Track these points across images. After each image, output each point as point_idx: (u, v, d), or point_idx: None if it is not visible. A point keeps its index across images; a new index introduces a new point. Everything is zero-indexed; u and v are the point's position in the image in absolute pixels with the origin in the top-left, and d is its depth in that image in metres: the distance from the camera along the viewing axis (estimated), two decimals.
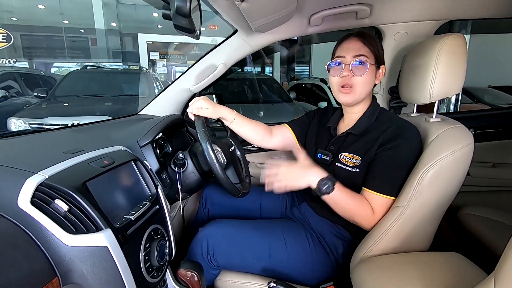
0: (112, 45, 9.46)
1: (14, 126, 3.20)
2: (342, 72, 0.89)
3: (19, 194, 0.54)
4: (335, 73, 0.91)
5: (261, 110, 3.81)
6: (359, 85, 0.88)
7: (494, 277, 0.47)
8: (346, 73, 0.88)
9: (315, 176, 0.82)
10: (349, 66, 0.87)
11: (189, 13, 0.58)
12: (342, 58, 0.89)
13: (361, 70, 0.87)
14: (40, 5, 8.61)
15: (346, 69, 0.88)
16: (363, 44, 0.88)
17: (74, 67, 8.79)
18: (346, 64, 0.88)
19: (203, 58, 1.28)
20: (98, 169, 0.67)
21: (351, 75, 0.88)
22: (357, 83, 0.88)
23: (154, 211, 0.75)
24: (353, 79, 0.88)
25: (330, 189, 0.81)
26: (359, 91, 0.89)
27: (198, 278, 0.79)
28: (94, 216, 0.57)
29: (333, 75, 0.92)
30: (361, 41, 0.88)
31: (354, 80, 0.88)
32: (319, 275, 0.94)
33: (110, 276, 0.58)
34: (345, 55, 0.89)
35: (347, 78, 0.88)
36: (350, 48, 0.88)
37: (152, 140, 0.96)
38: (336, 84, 0.92)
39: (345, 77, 0.88)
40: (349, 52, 0.88)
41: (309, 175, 0.83)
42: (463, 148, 0.76)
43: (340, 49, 0.91)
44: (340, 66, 0.90)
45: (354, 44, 0.89)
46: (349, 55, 0.88)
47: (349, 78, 0.88)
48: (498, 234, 1.04)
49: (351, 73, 0.87)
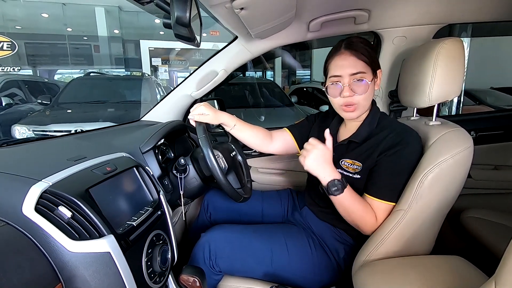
0: (115, 51, 9.57)
1: (19, 133, 3.23)
2: (342, 93, 0.86)
3: (24, 201, 0.55)
4: (335, 94, 0.88)
5: (262, 115, 3.82)
6: (362, 102, 0.87)
7: (494, 280, 0.47)
8: (347, 94, 0.85)
9: (328, 175, 0.82)
10: (348, 87, 0.85)
11: (188, 23, 0.59)
12: (339, 77, 0.86)
13: (361, 88, 0.85)
14: (44, 14, 8.74)
15: (346, 90, 0.85)
16: (357, 59, 0.84)
17: (77, 74, 8.91)
18: (345, 86, 0.85)
19: (204, 64, 1.29)
20: (101, 176, 0.68)
21: (352, 94, 0.85)
22: (360, 101, 0.86)
23: (156, 217, 0.76)
24: (355, 98, 0.86)
25: (338, 192, 0.80)
26: (362, 106, 0.88)
27: (200, 283, 0.79)
28: (97, 223, 0.58)
29: (333, 96, 0.89)
30: (354, 56, 0.84)
31: (356, 98, 0.86)
32: (321, 279, 0.93)
33: (113, 282, 0.58)
34: (341, 74, 0.85)
35: (349, 98, 0.86)
36: (344, 65, 0.85)
37: (154, 146, 0.97)
38: (338, 104, 0.90)
39: (347, 98, 0.86)
40: (344, 69, 0.85)
41: (325, 170, 0.82)
42: (463, 151, 0.76)
43: (334, 67, 0.87)
44: (338, 86, 0.87)
45: (348, 60, 0.85)
46: (345, 73, 0.85)
47: (351, 98, 0.86)
48: (500, 237, 1.04)
49: (351, 92, 0.85)
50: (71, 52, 9.43)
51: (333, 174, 0.82)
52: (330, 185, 0.81)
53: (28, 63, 9.10)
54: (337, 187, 0.80)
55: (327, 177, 0.81)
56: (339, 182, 0.81)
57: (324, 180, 0.82)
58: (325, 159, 0.82)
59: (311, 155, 0.82)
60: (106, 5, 8.92)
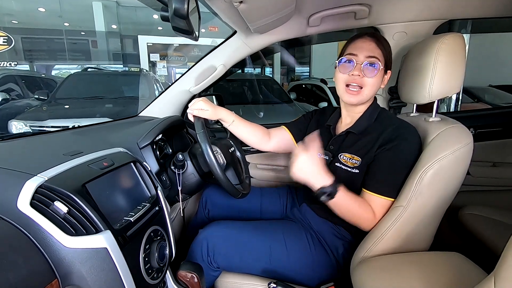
0: (113, 47, 9.49)
1: (15, 129, 3.21)
2: (352, 70, 0.87)
3: (19, 196, 0.54)
4: (344, 70, 0.89)
5: (261, 111, 3.81)
6: (368, 87, 0.87)
7: (494, 276, 0.47)
8: (356, 73, 0.86)
9: (316, 182, 0.80)
10: (360, 66, 0.86)
11: (186, 15, 0.58)
12: (354, 56, 0.87)
13: (372, 71, 0.85)
14: (41, 8, 8.65)
15: (357, 69, 0.86)
16: (376, 46, 0.87)
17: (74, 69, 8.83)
18: (358, 63, 0.86)
19: (202, 59, 1.28)
20: (98, 171, 0.67)
21: (361, 75, 0.86)
22: (367, 84, 0.87)
23: (154, 213, 0.75)
24: (364, 80, 0.86)
25: (328, 198, 0.80)
26: (366, 92, 0.88)
27: (198, 279, 0.79)
28: (94, 218, 0.58)
29: (342, 72, 0.90)
30: (375, 42, 0.87)
31: (364, 81, 0.86)
32: (320, 275, 0.93)
33: (110, 278, 0.58)
34: (358, 53, 0.87)
35: (357, 77, 0.87)
36: (363, 47, 0.87)
37: (152, 142, 0.96)
38: (343, 82, 0.90)
39: (355, 76, 0.87)
40: (362, 51, 0.86)
41: (313, 178, 0.80)
42: (463, 147, 0.76)
43: (353, 47, 0.89)
44: (351, 64, 0.88)
45: (368, 44, 0.87)
46: (362, 54, 0.86)
47: (359, 78, 0.87)
48: (499, 233, 1.04)
49: (361, 73, 0.86)
50: (68, 47, 9.34)
51: (321, 181, 0.79)
52: (319, 193, 0.80)
53: (25, 58, 9.02)
54: (326, 193, 0.79)
55: (316, 184, 0.80)
56: (329, 188, 0.79)
57: (313, 187, 0.81)
58: (310, 167, 0.79)
59: (295, 166, 0.79)
60: (104, 0, 8.83)
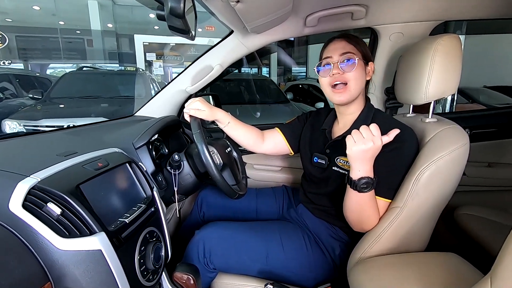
0: (108, 46, 9.42)
1: (9, 128, 3.17)
2: (331, 71, 0.88)
3: (11, 198, 0.53)
4: (325, 74, 0.91)
5: (258, 111, 3.81)
6: (352, 81, 0.87)
7: (490, 277, 0.47)
8: (336, 71, 0.88)
9: (364, 170, 0.75)
10: (337, 64, 0.88)
11: (183, 14, 0.57)
12: (329, 58, 0.89)
13: (350, 66, 0.87)
14: (35, 6, 8.55)
15: (335, 68, 0.88)
16: (347, 43, 0.89)
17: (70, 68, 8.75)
18: (334, 63, 0.88)
19: (199, 59, 1.27)
20: (92, 172, 0.66)
21: (341, 72, 0.87)
22: (350, 79, 0.87)
23: (150, 214, 0.74)
24: (345, 75, 0.87)
25: (367, 190, 0.76)
26: (353, 87, 0.88)
27: (194, 281, 0.79)
28: (88, 220, 0.57)
29: (323, 76, 0.91)
30: (345, 41, 0.90)
31: (346, 76, 0.87)
32: (316, 276, 0.93)
33: (105, 280, 0.57)
34: (332, 55, 0.89)
35: (337, 76, 0.88)
36: (336, 48, 0.89)
37: (148, 142, 0.95)
38: (328, 85, 0.91)
39: (336, 75, 0.88)
40: (335, 51, 0.89)
41: (365, 165, 0.75)
42: (459, 148, 0.76)
43: (327, 51, 0.92)
44: (329, 66, 0.89)
45: (339, 44, 0.90)
46: (335, 54, 0.88)
47: (340, 75, 0.87)
48: (494, 234, 1.05)
49: (340, 70, 0.87)
50: (63, 46, 9.26)
51: (370, 171, 0.76)
52: (361, 181, 0.75)
53: (19, 57, 8.93)
54: (367, 184, 0.75)
55: (363, 172, 0.75)
56: (371, 180, 0.76)
57: (357, 174, 0.76)
58: (372, 155, 0.75)
59: (363, 146, 0.73)
60: None
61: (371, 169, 0.77)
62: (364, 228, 0.85)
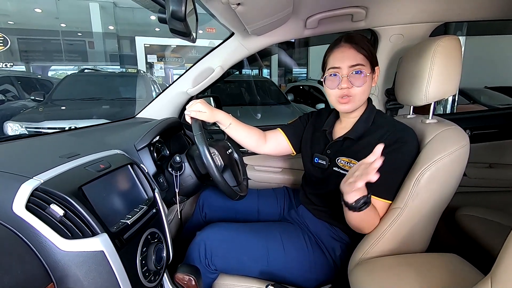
0: (110, 48, 9.46)
1: (11, 130, 3.19)
2: (340, 84, 0.86)
3: (14, 199, 0.54)
4: (332, 85, 0.88)
5: (258, 112, 3.81)
6: (359, 95, 0.86)
7: (490, 278, 0.47)
8: (345, 85, 0.85)
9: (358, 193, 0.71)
10: (346, 78, 0.85)
11: (184, 17, 0.58)
12: (337, 69, 0.86)
13: (359, 80, 0.84)
14: (37, 9, 8.60)
15: (344, 81, 0.85)
16: (357, 52, 0.85)
17: (71, 70, 8.80)
18: (344, 77, 0.86)
19: (200, 61, 1.28)
20: (94, 173, 0.66)
21: (350, 86, 0.85)
22: (357, 94, 0.86)
23: (151, 215, 0.75)
24: (352, 90, 0.85)
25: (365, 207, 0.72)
26: (359, 99, 0.87)
27: (195, 282, 0.79)
28: (90, 221, 0.57)
29: (330, 87, 0.89)
30: (354, 48, 0.85)
31: (353, 90, 0.86)
32: (317, 277, 0.93)
33: (107, 281, 0.57)
34: (340, 65, 0.86)
35: (345, 90, 0.86)
36: (344, 57, 0.85)
37: (149, 144, 0.96)
38: (335, 96, 0.89)
39: (344, 89, 0.86)
40: (343, 61, 0.85)
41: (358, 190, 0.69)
42: (459, 149, 0.76)
43: (333, 59, 0.88)
44: (336, 77, 0.87)
45: (348, 52, 0.86)
46: (344, 65, 0.85)
47: (348, 89, 0.86)
48: (495, 234, 1.05)
49: (349, 84, 0.85)
50: (65, 48, 9.31)
51: (364, 189, 0.71)
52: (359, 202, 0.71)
53: (21, 59, 8.98)
54: (365, 203, 0.72)
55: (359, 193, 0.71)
56: (367, 198, 0.72)
57: (353, 197, 0.71)
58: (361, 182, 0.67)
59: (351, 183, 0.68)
60: (101, 1, 8.80)
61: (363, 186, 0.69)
62: (364, 231, 0.85)
